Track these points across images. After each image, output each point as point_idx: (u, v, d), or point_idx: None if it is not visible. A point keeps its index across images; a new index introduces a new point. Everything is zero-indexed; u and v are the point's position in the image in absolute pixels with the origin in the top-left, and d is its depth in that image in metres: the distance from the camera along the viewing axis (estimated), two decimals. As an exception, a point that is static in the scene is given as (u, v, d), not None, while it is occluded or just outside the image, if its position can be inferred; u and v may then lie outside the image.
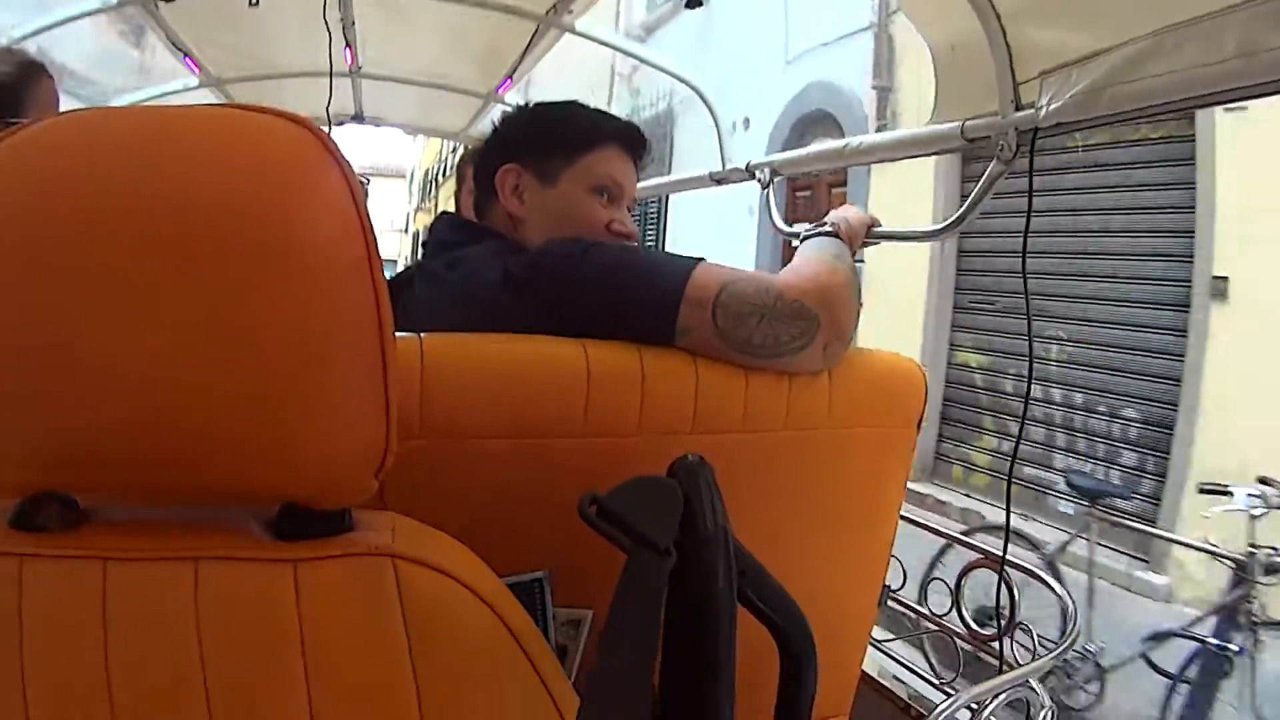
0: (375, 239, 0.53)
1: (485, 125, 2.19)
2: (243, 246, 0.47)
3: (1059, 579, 1.26)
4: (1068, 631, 1.08)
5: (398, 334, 0.78)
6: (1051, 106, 1.08)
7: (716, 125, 1.89)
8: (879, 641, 1.43)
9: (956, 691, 1.27)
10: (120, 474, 0.51)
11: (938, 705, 0.95)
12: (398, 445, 0.75)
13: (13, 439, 0.50)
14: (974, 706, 0.97)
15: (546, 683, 0.59)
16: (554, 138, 1.04)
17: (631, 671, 0.51)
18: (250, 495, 0.53)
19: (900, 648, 1.42)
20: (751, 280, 0.86)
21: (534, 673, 0.59)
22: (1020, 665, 1.16)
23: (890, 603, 1.40)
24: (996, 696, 0.97)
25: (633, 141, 1.08)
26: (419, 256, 1.06)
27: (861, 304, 0.94)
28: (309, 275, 0.49)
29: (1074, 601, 1.14)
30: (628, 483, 0.63)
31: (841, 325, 0.89)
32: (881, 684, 1.39)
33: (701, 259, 0.88)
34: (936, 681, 1.33)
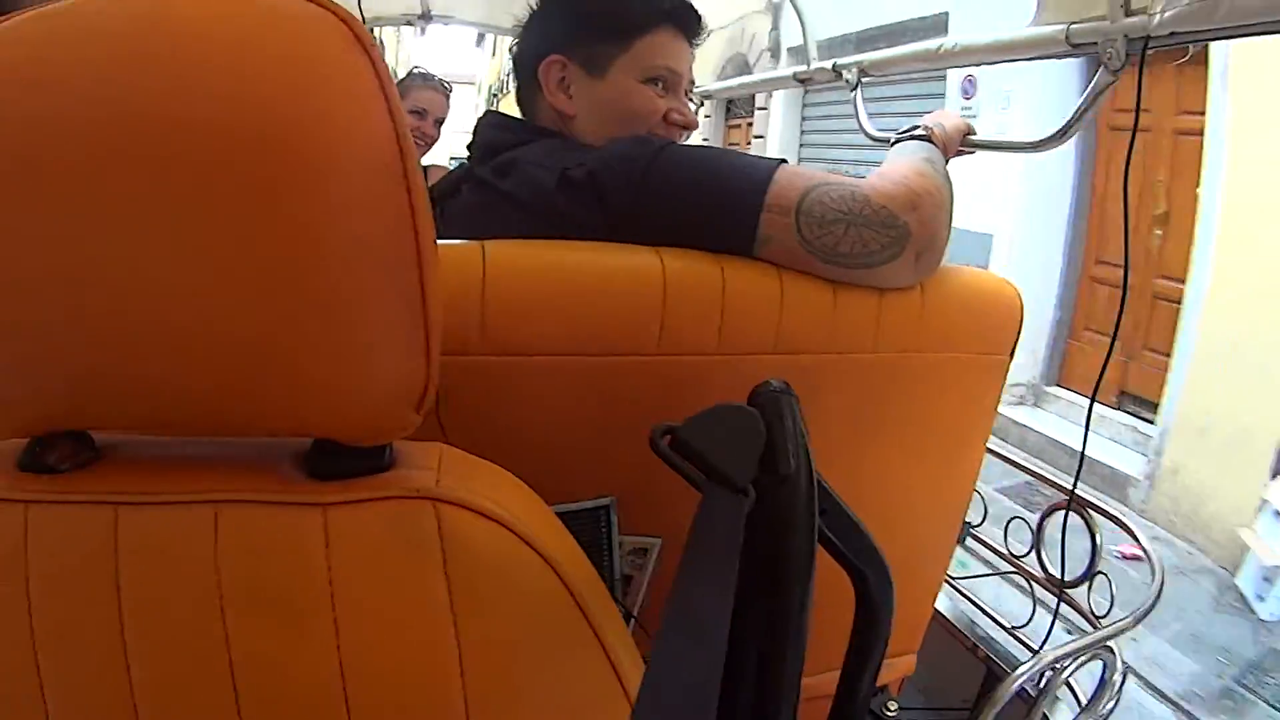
0: (410, 142, 0.45)
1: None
2: (255, 158, 0.40)
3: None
4: (1152, 587, 1.01)
5: (459, 242, 0.73)
6: (1166, 14, 0.97)
7: (802, 23, 1.76)
8: (953, 579, 1.38)
9: (1023, 637, 1.23)
10: (136, 408, 0.46)
11: (1008, 652, 0.89)
12: (458, 360, 0.70)
13: (23, 375, 0.45)
14: (1056, 667, 0.91)
15: (608, 651, 0.54)
16: (600, 23, 0.94)
17: (706, 621, 0.46)
18: (276, 430, 0.48)
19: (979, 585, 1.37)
20: (837, 185, 0.78)
21: (596, 640, 0.53)
22: (1096, 615, 1.10)
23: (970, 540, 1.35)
24: (1076, 658, 0.91)
25: (687, 21, 0.97)
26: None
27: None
28: (331, 188, 0.41)
29: (1158, 555, 1.06)
30: (704, 413, 0.57)
31: (932, 233, 0.80)
32: (953, 624, 1.34)
33: (783, 160, 0.80)
34: (1007, 626, 1.28)
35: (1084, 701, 1.04)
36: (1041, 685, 0.96)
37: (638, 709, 0.38)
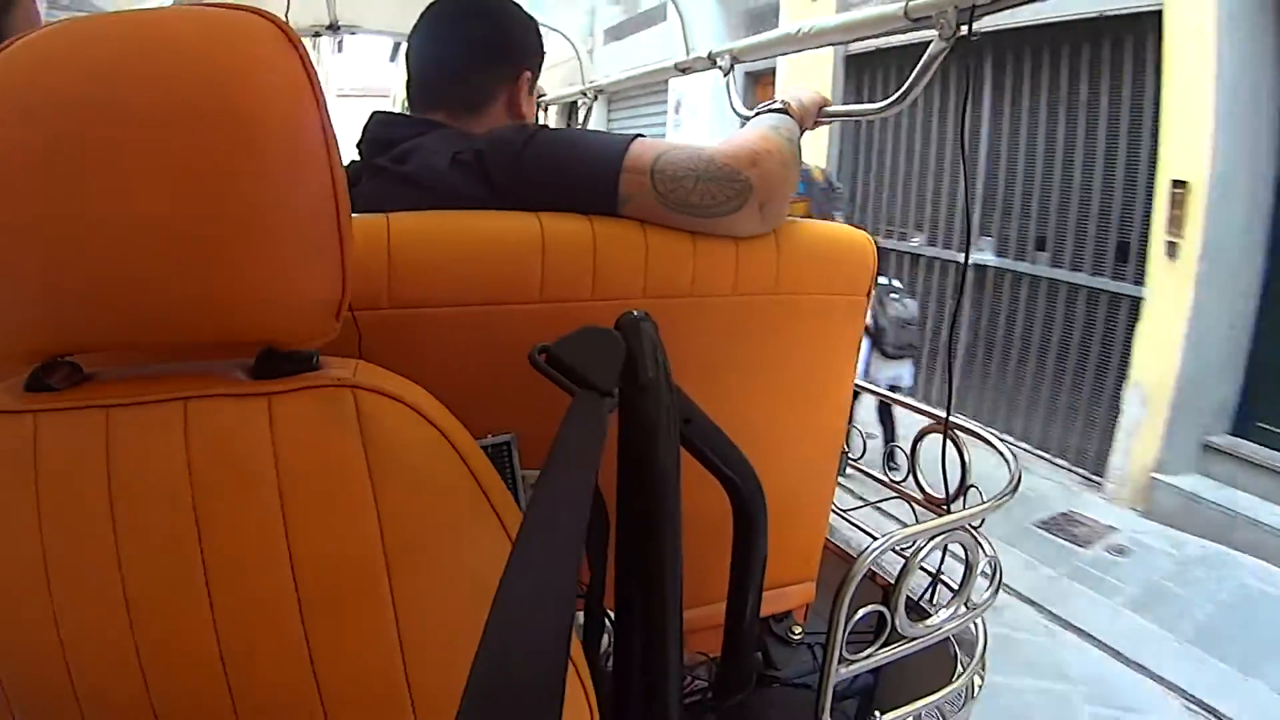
0: (329, 117, 0.59)
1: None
2: (212, 129, 0.54)
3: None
4: (1008, 484, 1.13)
5: (368, 215, 0.83)
6: (987, -13, 1.11)
7: (682, 20, 1.87)
8: (844, 510, 1.50)
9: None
10: (117, 331, 0.57)
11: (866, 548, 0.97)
12: (371, 315, 0.80)
13: (27, 313, 0.56)
14: (906, 551, 1.02)
15: (509, 531, 0.65)
16: (542, 57, 1.17)
17: (570, 490, 0.55)
18: (229, 338, 0.59)
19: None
20: (685, 148, 0.91)
21: (496, 519, 0.65)
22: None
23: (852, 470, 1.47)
24: (932, 539, 1.03)
25: None
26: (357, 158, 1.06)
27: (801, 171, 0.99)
28: (271, 148, 0.55)
29: (1015, 457, 1.19)
30: (574, 333, 0.68)
31: (773, 186, 0.93)
32: (846, 550, 1.47)
33: (640, 135, 0.93)
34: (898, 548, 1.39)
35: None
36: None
37: (509, 568, 0.47)
